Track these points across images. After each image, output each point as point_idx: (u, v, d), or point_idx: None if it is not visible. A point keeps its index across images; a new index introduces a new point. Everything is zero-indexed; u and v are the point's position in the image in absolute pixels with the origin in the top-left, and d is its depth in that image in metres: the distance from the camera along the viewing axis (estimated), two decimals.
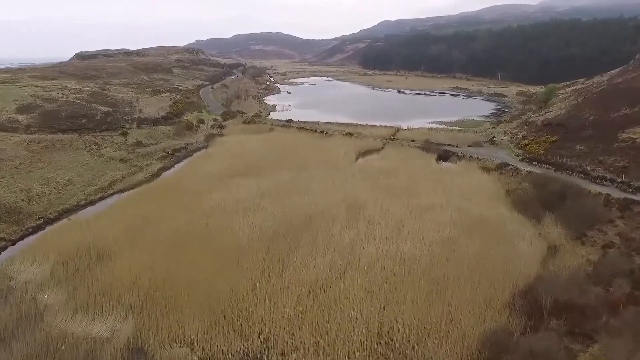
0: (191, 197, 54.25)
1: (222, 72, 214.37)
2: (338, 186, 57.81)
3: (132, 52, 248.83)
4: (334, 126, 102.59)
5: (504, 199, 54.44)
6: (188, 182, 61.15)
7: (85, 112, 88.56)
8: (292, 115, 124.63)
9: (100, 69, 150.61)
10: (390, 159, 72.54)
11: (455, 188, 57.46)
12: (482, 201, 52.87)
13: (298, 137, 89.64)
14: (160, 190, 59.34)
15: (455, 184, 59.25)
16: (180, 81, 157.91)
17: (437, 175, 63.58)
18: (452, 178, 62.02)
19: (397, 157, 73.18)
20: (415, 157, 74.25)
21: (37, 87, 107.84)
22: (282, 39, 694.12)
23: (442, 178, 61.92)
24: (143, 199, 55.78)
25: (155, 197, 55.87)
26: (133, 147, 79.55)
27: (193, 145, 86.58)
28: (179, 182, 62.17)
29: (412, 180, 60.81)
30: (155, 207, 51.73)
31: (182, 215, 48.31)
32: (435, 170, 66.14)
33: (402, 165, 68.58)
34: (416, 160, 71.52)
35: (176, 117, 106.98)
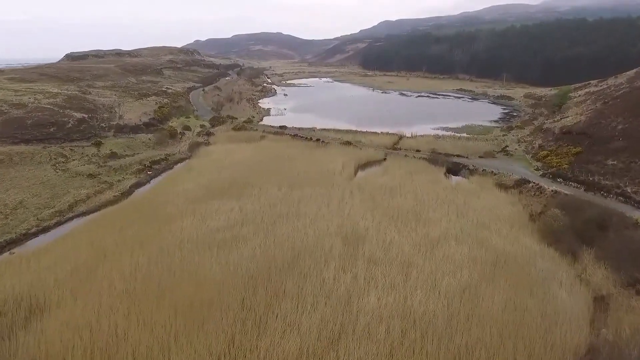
0: (161, 224, 46.01)
1: (217, 73, 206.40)
2: (334, 208, 49.56)
3: (125, 52, 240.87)
4: (331, 133, 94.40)
5: (529, 226, 46.17)
6: (161, 203, 52.88)
7: (56, 119, 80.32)
8: (287, 120, 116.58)
9: (85, 70, 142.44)
10: (394, 173, 64.25)
11: (470, 211, 49.22)
12: (503, 229, 44.59)
13: (291, 147, 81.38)
14: (128, 213, 50.97)
15: (469, 206, 50.99)
16: (170, 83, 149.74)
17: (448, 194, 55.27)
18: (465, 198, 53.75)
19: (401, 171, 64.90)
20: (421, 170, 66.00)
21: (9, 91, 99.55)
22: (281, 39, 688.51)
23: (453, 198, 53.63)
24: (105, 225, 47.48)
25: (120, 223, 47.55)
26: (106, 160, 71.31)
27: (175, 156, 78.39)
28: (150, 202, 53.86)
29: (420, 201, 52.57)
30: (117, 236, 43.60)
31: (145, 250, 40.05)
32: (445, 188, 57.85)
33: (407, 181, 60.34)
34: (423, 175, 63.26)
35: (160, 123, 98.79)
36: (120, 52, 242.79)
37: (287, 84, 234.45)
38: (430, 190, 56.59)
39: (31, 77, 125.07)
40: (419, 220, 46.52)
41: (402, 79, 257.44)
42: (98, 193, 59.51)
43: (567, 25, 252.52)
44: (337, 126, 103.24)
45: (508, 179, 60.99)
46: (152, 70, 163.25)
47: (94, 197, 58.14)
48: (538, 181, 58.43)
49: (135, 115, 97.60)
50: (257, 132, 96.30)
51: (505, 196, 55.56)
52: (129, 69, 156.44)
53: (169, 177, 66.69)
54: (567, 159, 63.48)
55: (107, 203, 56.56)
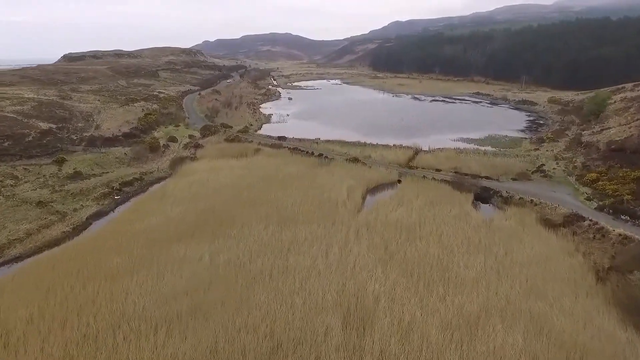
0: (102, 284, 34.50)
1: (218, 75, 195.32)
2: (333, 260, 37.57)
3: (124, 53, 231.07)
4: (336, 146, 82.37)
5: (599, 292, 33.79)
6: (113, 247, 41.30)
7: (14, 131, 69.18)
8: (289, 128, 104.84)
9: (72, 72, 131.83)
10: (411, 203, 52.01)
11: (514, 267, 37.00)
12: (566, 300, 32.30)
13: (288, 164, 69.47)
14: (67, 262, 39.38)
15: (512, 257, 38.74)
16: (164, 87, 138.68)
17: (481, 236, 43.00)
18: (504, 243, 41.46)
19: (419, 201, 52.68)
20: (443, 199, 53.75)
21: None
22: (290, 40, 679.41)
23: (489, 243, 41.40)
24: (30, 283, 35.95)
25: (51, 279, 36.07)
26: (65, 181, 59.99)
27: (152, 175, 66.93)
28: (102, 245, 42.16)
29: (446, 247, 40.42)
30: (37, 304, 32.30)
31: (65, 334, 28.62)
32: (477, 227, 45.53)
33: (427, 215, 48.16)
34: (446, 206, 51.02)
35: (143, 133, 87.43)
36: (119, 52, 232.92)
37: (294, 87, 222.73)
38: (457, 230, 44.34)
39: (10, 80, 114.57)
40: (448, 281, 34.40)
41: (414, 82, 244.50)
42: (43, 228, 48.06)
43: (590, 24, 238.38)
44: (344, 136, 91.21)
45: (554, 213, 48.59)
46: (146, 73, 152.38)
47: (36, 234, 46.69)
48: (594, 217, 45.94)
49: (115, 124, 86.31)
50: (251, 144, 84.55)
51: (556, 240, 43.11)
52: (121, 71, 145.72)
53: (136, 204, 55.01)
54: (628, 187, 50.93)
55: (50, 243, 45.09)
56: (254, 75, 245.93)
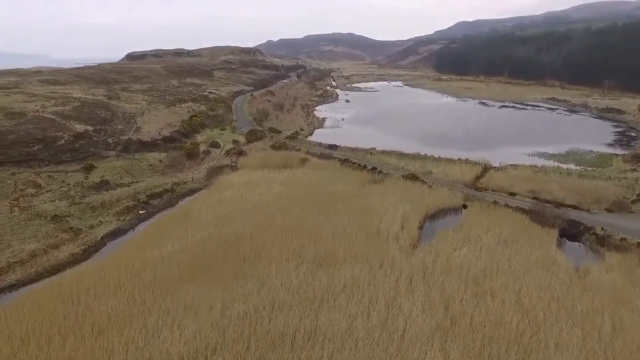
0: (84, 340, 27.72)
1: (274, 75, 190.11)
2: (377, 324, 28.70)
3: (185, 52, 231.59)
4: (392, 158, 73.07)
5: None
6: (115, 283, 34.63)
7: (46, 134, 65.25)
8: (342, 134, 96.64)
9: (126, 72, 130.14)
10: (478, 240, 42.13)
11: (627, 350, 26.68)
12: None
13: (336, 179, 61.04)
14: (60, 299, 33.04)
15: (624, 337, 28.26)
16: (216, 87, 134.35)
17: (575, 296, 32.60)
18: (609, 310, 30.93)
19: (489, 237, 42.66)
20: (521, 235, 43.40)
21: (25, 95, 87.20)
22: (353, 40, 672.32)
23: (587, 309, 31.01)
24: (10, 324, 29.93)
25: (34, 322, 29.85)
26: (89, 191, 54.74)
27: (184, 187, 60.74)
28: (102, 279, 35.50)
29: (526, 311, 30.45)
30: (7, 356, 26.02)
31: None
32: (567, 281, 35.04)
33: (500, 259, 38.17)
34: (524, 247, 40.72)
35: (185, 137, 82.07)
36: (180, 51, 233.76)
37: (353, 88, 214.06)
38: (542, 285, 34.10)
39: (66, 79, 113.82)
40: None
41: (480, 85, 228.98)
42: (51, 248, 42.51)
43: None
44: (402, 146, 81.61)
45: None
46: (201, 72, 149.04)
47: (41, 255, 41.13)
48: None
49: (156, 127, 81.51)
50: (298, 152, 76.86)
51: None
52: (175, 70, 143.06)
53: (158, 223, 48.55)
54: None
55: (52, 269, 39.49)
56: (312, 75, 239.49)
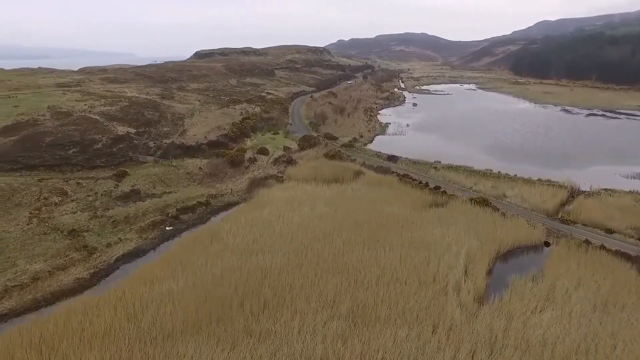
0: None
1: (339, 76, 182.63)
2: None
3: (251, 50, 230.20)
4: (459, 175, 63.13)
5: None
6: (105, 329, 28.33)
7: (85, 136, 61.50)
8: (405, 143, 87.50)
9: (186, 70, 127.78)
10: (567, 299, 31.96)
11: None
12: None
13: (391, 199, 52.33)
14: (36, 346, 27.26)
15: None
16: (276, 87, 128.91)
17: None
18: None
19: (580, 294, 32.40)
20: (627, 297, 32.72)
21: (80, 94, 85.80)
22: (425, 40, 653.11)
23: None
24: None
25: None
26: (115, 202, 49.69)
27: (221, 200, 54.52)
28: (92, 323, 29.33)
29: None
30: None
31: None
32: None
33: (598, 331, 28.04)
34: (633, 314, 30.22)
35: (233, 141, 76.36)
36: (247, 50, 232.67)
37: (421, 91, 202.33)
38: None
39: (125, 78, 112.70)
40: None
41: (563, 89, 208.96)
42: (58, 270, 37.36)
43: None
44: (472, 160, 71.36)
45: None
46: (261, 71, 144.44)
47: (45, 279, 36.02)
48: None
49: (203, 130, 76.44)
50: (353, 164, 68.74)
51: None
52: (235, 69, 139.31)
53: (181, 245, 42.12)
54: None
55: (52, 297, 34.36)
56: (379, 76, 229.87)
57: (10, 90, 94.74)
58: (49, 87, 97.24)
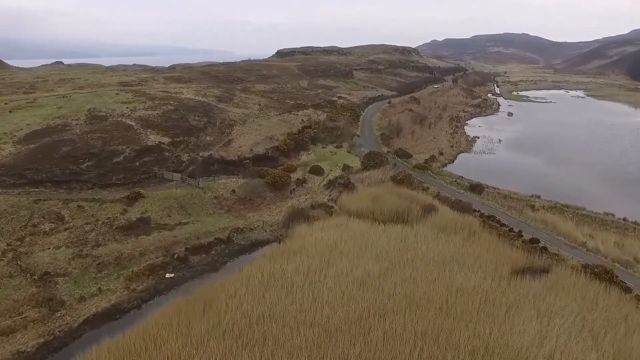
0: None
1: (425, 79, 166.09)
2: None
3: (334, 50, 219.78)
4: (566, 221, 46.96)
5: None
6: None
7: (106, 147, 53.19)
8: (495, 166, 71.68)
9: (255, 70, 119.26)
10: None
11: None
12: None
13: (467, 259, 37.99)
14: None
15: None
16: (350, 90, 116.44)
17: None
18: None
19: None
20: None
21: (133, 94, 79.60)
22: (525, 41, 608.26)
23: None
24: None
25: None
26: (114, 234, 40.20)
27: (247, 236, 43.42)
28: None
29: None
30: None
31: None
32: None
33: None
34: None
35: (285, 155, 65.23)
36: (330, 49, 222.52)
37: (519, 97, 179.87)
38: None
39: (190, 76, 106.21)
40: None
41: None
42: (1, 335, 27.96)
43: None
44: (583, 196, 54.68)
45: None
46: (337, 72, 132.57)
47: None
48: None
49: (251, 140, 66.06)
50: (425, 194, 54.69)
51: None
52: (309, 69, 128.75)
53: (170, 308, 31.27)
54: None
55: None
56: (472, 79, 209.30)
57: (73, 89, 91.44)
58: (111, 86, 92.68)
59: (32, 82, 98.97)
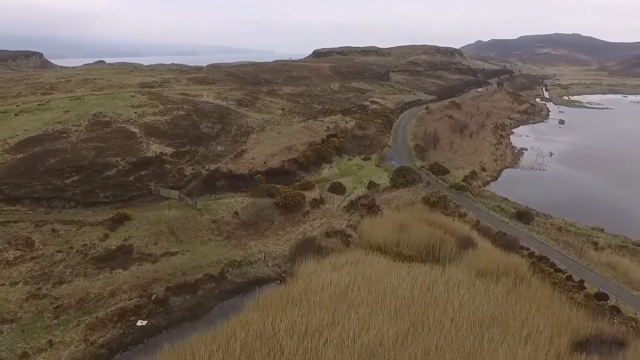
0: None
1: (468, 82, 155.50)
2: None
3: (373, 50, 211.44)
4: None
5: None
6: None
7: (98, 159, 47.59)
8: (546, 184, 62.51)
9: (285, 71, 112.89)
10: None
11: None
12: None
13: (514, 320, 29.78)
14: None
15: None
16: (385, 94, 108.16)
17: None
18: None
19: None
20: None
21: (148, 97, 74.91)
22: (576, 42, 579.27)
23: None
24: None
25: None
26: (85, 267, 34.16)
27: (244, 272, 36.61)
28: None
29: None
30: None
31: None
32: None
33: None
34: None
35: (304, 169, 58.15)
36: (368, 49, 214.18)
37: (570, 102, 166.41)
38: None
39: (214, 78, 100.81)
40: None
41: None
42: None
43: None
44: None
45: None
46: (372, 74, 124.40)
47: None
48: None
49: (267, 151, 59.33)
50: (462, 222, 46.44)
51: None
52: (341, 70, 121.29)
53: None
54: None
55: None
56: (518, 82, 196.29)
57: (92, 89, 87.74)
58: (131, 87, 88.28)
59: (55, 82, 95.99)
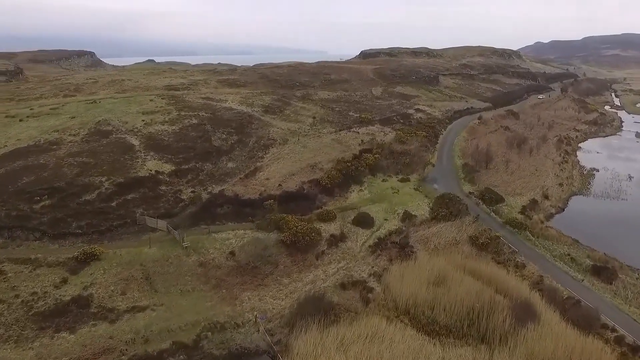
0: None
1: (526, 87, 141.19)
2: None
3: (423, 51, 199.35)
4: None
5: None
6: None
7: (78, 180, 40.68)
8: (627, 217, 50.60)
9: (323, 73, 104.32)
10: None
11: None
12: None
13: None
14: None
15: None
16: (432, 101, 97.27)
17: None
18: None
19: None
20: None
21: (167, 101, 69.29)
22: None
23: None
24: None
25: None
26: (24, 328, 26.38)
27: (225, 341, 28.25)
28: None
29: None
30: None
31: None
32: None
33: None
34: None
35: (327, 193, 49.08)
36: (419, 50, 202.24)
37: None
38: None
39: (246, 80, 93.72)
40: None
41: None
42: None
43: None
44: None
45: None
46: (420, 78, 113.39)
47: None
48: None
49: (285, 169, 50.78)
50: (518, 277, 36.15)
51: None
52: (386, 73, 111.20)
53: None
54: None
55: None
56: (584, 88, 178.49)
57: (117, 92, 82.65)
58: (156, 89, 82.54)
59: (81, 83, 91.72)
